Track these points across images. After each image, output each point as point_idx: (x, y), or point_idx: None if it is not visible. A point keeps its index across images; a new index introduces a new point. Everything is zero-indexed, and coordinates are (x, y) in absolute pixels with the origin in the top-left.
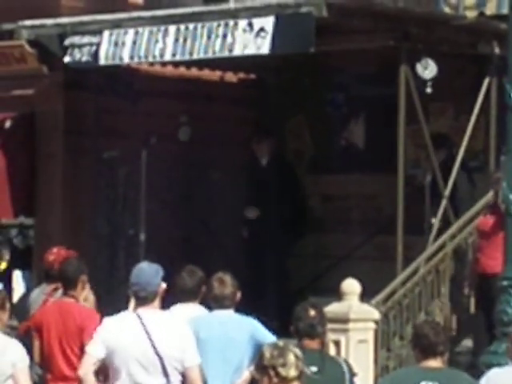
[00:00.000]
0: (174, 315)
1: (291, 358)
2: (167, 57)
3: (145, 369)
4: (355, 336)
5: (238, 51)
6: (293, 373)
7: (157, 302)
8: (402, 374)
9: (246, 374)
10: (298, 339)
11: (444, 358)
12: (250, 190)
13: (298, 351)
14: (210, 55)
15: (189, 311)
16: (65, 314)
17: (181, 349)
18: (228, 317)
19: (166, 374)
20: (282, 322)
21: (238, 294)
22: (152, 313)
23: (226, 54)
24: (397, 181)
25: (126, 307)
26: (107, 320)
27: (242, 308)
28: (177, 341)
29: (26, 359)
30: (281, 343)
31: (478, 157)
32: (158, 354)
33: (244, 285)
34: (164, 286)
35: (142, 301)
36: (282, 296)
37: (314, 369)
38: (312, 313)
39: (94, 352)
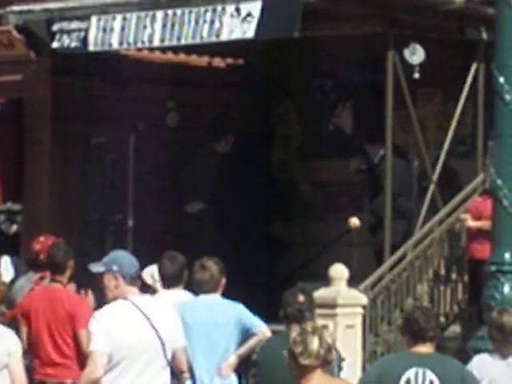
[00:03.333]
0: (153, 298)
1: (313, 347)
2: (156, 42)
3: (147, 355)
4: (343, 321)
5: (224, 36)
6: (312, 362)
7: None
8: (391, 360)
9: (233, 359)
10: (286, 324)
11: (434, 344)
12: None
13: (326, 339)
14: (197, 40)
15: (173, 296)
16: (53, 299)
17: (175, 329)
18: (214, 302)
19: (166, 357)
20: (270, 307)
21: (223, 279)
22: (143, 298)
23: (213, 39)
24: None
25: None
26: (100, 313)
27: (230, 293)
28: (170, 323)
29: (20, 348)
30: (309, 327)
31: (466, 142)
32: (160, 339)
33: (232, 270)
34: None
35: (135, 282)
36: (266, 281)
37: None
38: (301, 298)
39: (102, 348)
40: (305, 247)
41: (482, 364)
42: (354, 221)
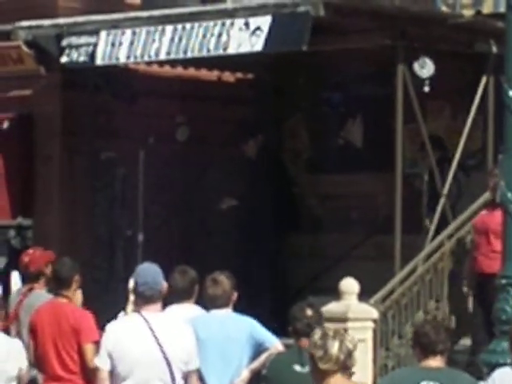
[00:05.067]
0: (170, 316)
1: (333, 351)
2: (162, 55)
3: (152, 374)
4: (354, 335)
5: (232, 49)
6: (331, 367)
7: (160, 302)
8: (402, 374)
9: (245, 373)
10: (295, 339)
11: (444, 357)
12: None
13: (347, 344)
14: (204, 53)
15: (183, 311)
16: (58, 314)
17: (186, 351)
18: (226, 316)
19: (173, 377)
20: (280, 321)
21: (235, 294)
22: (157, 315)
23: (220, 52)
24: (394, 180)
25: (123, 307)
26: (110, 326)
27: (241, 307)
28: (183, 343)
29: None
30: (331, 332)
31: (476, 156)
32: (166, 359)
33: (242, 284)
34: (165, 285)
35: (148, 300)
36: (276, 295)
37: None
38: (309, 312)
39: (105, 366)
40: (315, 261)
41: (507, 378)
42: None
